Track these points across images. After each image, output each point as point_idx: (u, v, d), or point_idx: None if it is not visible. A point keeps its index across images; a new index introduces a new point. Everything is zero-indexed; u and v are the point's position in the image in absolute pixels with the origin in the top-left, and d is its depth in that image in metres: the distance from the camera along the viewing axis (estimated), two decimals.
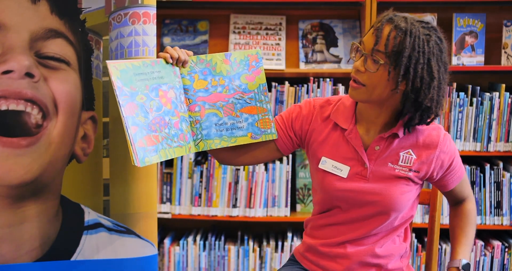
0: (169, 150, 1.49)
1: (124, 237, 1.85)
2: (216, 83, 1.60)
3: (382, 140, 1.54)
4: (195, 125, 1.58)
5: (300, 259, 1.70)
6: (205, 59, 1.59)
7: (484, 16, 2.70)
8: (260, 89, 1.62)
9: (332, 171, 1.57)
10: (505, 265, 2.68)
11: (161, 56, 1.54)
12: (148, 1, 1.76)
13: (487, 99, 2.62)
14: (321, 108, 1.62)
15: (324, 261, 1.62)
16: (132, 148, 1.41)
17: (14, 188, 1.77)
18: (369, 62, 1.43)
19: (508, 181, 2.65)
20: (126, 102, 1.43)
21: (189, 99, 1.58)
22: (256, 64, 1.62)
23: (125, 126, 1.41)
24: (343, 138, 1.57)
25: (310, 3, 2.76)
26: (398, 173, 1.53)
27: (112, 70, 1.43)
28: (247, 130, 1.60)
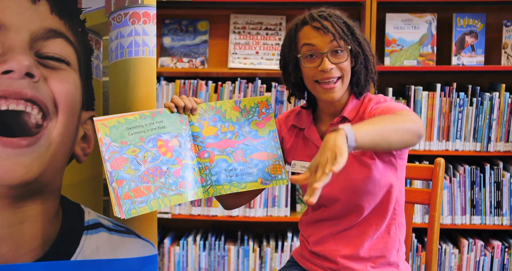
0: (163, 199, 1.53)
1: (124, 237, 1.85)
2: (226, 130, 1.63)
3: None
4: (204, 171, 1.60)
5: (299, 259, 1.71)
6: (214, 106, 1.62)
7: (484, 16, 2.70)
8: (271, 136, 1.65)
9: (302, 171, 1.61)
10: (505, 265, 2.68)
11: (166, 106, 1.59)
12: (148, 1, 1.76)
13: (487, 99, 2.62)
14: (286, 118, 1.70)
15: (319, 260, 1.63)
16: (115, 200, 1.47)
17: (14, 188, 1.77)
18: (332, 57, 1.52)
19: (508, 181, 2.65)
20: (113, 157, 1.48)
21: (198, 146, 1.61)
22: (266, 111, 1.65)
23: (108, 181, 1.47)
24: (304, 138, 1.64)
25: (310, 3, 2.76)
26: (355, 153, 1.54)
27: (100, 127, 1.48)
28: (257, 176, 1.63)
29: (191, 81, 2.73)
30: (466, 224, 2.67)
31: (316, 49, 1.52)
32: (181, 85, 2.73)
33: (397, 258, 1.61)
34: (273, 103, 2.69)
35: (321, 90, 1.54)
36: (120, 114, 1.54)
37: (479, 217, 2.67)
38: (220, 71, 2.85)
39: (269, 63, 2.79)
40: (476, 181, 2.66)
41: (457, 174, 2.68)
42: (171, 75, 2.83)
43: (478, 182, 2.66)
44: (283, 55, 1.62)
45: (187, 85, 2.73)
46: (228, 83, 2.72)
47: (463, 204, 2.67)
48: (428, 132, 2.66)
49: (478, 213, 2.67)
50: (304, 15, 1.60)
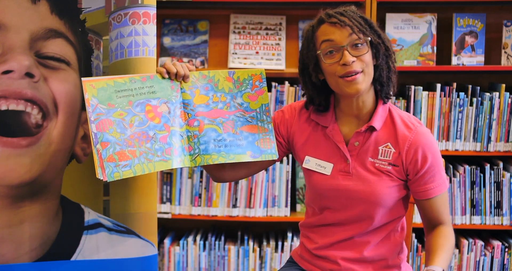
0: (148, 164, 1.51)
1: (124, 237, 1.85)
2: (218, 100, 1.60)
3: (360, 135, 1.56)
4: (193, 139, 1.58)
5: (298, 259, 1.71)
6: (207, 75, 1.60)
7: (484, 16, 2.70)
8: (262, 109, 1.62)
9: (316, 169, 1.59)
10: (505, 265, 2.68)
11: (157, 71, 1.56)
12: (148, 1, 1.76)
13: (487, 99, 2.62)
14: (301, 110, 1.66)
15: (320, 261, 1.63)
16: (98, 162, 1.45)
17: (14, 188, 1.77)
18: (352, 50, 1.49)
19: (508, 181, 2.65)
20: (99, 119, 1.47)
21: (188, 113, 1.58)
22: (259, 84, 1.62)
23: (92, 143, 1.46)
24: (324, 136, 1.60)
25: (310, 3, 2.76)
26: (378, 167, 1.54)
27: (88, 88, 1.47)
28: (246, 149, 1.60)
29: None
30: (466, 224, 2.67)
31: (335, 44, 1.50)
32: None
33: (398, 260, 1.62)
34: (273, 103, 2.69)
35: (344, 83, 1.50)
36: (110, 76, 1.52)
37: (479, 217, 2.67)
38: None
39: (269, 63, 2.79)
40: (476, 181, 2.66)
41: (457, 174, 2.68)
42: None
43: (478, 182, 2.66)
44: (302, 57, 1.59)
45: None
46: None
47: (463, 204, 2.67)
48: None
49: (478, 213, 2.67)
50: (319, 15, 1.57)
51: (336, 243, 1.60)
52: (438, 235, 1.55)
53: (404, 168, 1.53)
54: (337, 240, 1.59)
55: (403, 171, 1.54)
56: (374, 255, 1.58)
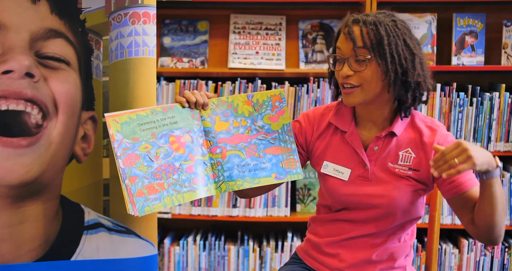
0: (177, 196, 1.51)
1: (124, 237, 1.85)
2: (238, 125, 1.60)
3: (379, 140, 1.54)
4: (216, 167, 1.57)
5: (303, 256, 1.70)
6: (226, 100, 1.60)
7: (484, 16, 2.70)
8: (284, 129, 1.62)
9: (334, 175, 1.58)
10: (505, 265, 2.68)
11: (177, 101, 1.55)
12: (148, 1, 1.76)
13: (487, 99, 2.62)
14: (322, 116, 1.64)
15: (327, 259, 1.62)
16: (128, 198, 1.44)
17: (14, 188, 1.77)
18: (353, 64, 1.48)
19: (508, 181, 2.65)
20: (125, 154, 1.46)
21: (210, 141, 1.58)
22: (279, 104, 1.62)
23: (121, 178, 1.45)
24: (343, 141, 1.59)
25: (310, 3, 2.76)
26: (398, 173, 1.53)
27: (112, 123, 1.46)
28: (271, 171, 1.60)
29: (191, 81, 2.72)
30: None
31: (341, 53, 1.50)
32: (181, 85, 2.73)
33: (404, 262, 1.62)
34: None
35: (342, 92, 1.51)
36: (132, 110, 1.52)
37: None
38: (220, 71, 2.85)
39: (269, 63, 2.79)
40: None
41: None
42: (171, 75, 2.83)
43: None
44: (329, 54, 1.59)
45: (187, 85, 2.73)
46: (228, 83, 2.72)
47: None
48: None
49: None
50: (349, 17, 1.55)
51: (347, 239, 1.59)
52: None
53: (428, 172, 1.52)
54: (349, 237, 1.59)
55: (427, 173, 1.52)
56: (383, 256, 1.58)
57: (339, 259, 1.60)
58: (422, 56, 1.52)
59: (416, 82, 1.49)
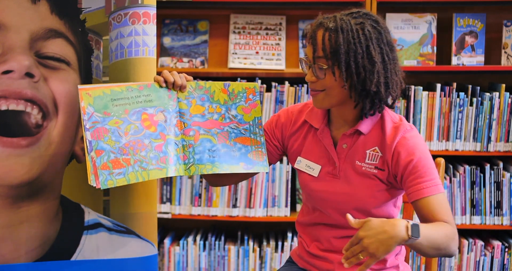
0: (142, 173, 1.52)
1: (124, 237, 1.85)
2: (213, 111, 1.63)
3: (347, 138, 1.55)
4: (188, 149, 1.59)
5: (297, 259, 1.71)
6: (204, 86, 1.63)
7: (484, 16, 2.70)
8: (255, 122, 1.65)
9: (305, 170, 1.60)
10: (505, 265, 2.68)
11: (155, 80, 1.58)
12: (148, 1, 1.76)
13: (487, 99, 2.62)
14: (299, 113, 1.66)
15: (317, 261, 1.63)
16: (92, 169, 1.47)
17: (14, 188, 1.77)
18: (317, 71, 1.48)
19: (508, 181, 2.65)
20: (94, 127, 1.48)
21: (185, 123, 1.60)
22: (253, 97, 1.66)
23: (86, 150, 1.47)
24: (317, 138, 1.61)
25: (310, 3, 2.76)
26: (365, 171, 1.53)
27: (84, 96, 1.48)
28: (239, 160, 1.62)
29: None
30: (466, 224, 2.67)
31: (307, 57, 1.51)
32: None
33: (396, 261, 1.62)
34: (273, 103, 2.69)
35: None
36: (107, 84, 1.53)
37: (479, 217, 2.67)
38: (220, 71, 2.85)
39: (269, 63, 2.79)
40: (476, 181, 2.66)
41: (457, 174, 2.68)
42: None
43: (478, 182, 2.66)
44: None
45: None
46: None
47: (463, 204, 2.67)
48: (428, 132, 2.66)
49: (478, 213, 2.67)
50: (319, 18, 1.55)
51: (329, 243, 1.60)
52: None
53: (391, 171, 1.52)
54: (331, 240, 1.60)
55: (391, 175, 1.52)
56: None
57: (328, 261, 1.61)
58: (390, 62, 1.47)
59: (374, 91, 1.46)
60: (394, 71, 1.49)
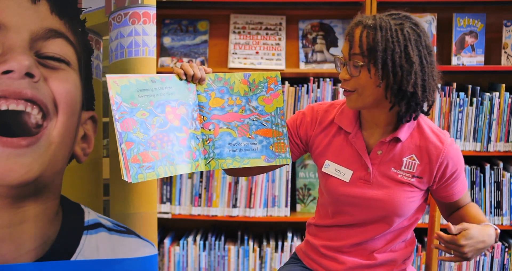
0: (170, 167, 1.49)
1: (124, 237, 1.85)
2: (233, 103, 1.59)
3: (384, 144, 1.52)
4: (207, 143, 1.57)
5: (303, 257, 1.70)
6: (223, 77, 1.59)
7: (484, 16, 2.70)
8: (277, 113, 1.61)
9: (335, 175, 1.56)
10: (505, 265, 2.68)
11: (175, 72, 1.54)
12: (148, 1, 1.76)
13: (487, 99, 2.62)
14: (325, 113, 1.62)
15: (326, 261, 1.62)
16: (123, 163, 1.42)
17: (14, 188, 1.77)
18: (351, 69, 1.45)
19: (508, 181, 2.65)
20: (123, 118, 1.44)
21: (204, 116, 1.57)
22: (274, 87, 1.61)
23: (118, 142, 1.42)
24: (347, 142, 1.57)
25: (310, 3, 2.76)
26: (401, 178, 1.51)
27: (112, 85, 1.43)
28: (261, 153, 1.59)
29: None
30: None
31: (343, 56, 1.48)
32: None
33: (404, 265, 1.62)
34: None
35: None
36: (132, 75, 1.49)
37: None
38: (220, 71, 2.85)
39: (269, 63, 2.79)
40: (476, 181, 2.66)
41: None
42: None
43: (478, 182, 2.66)
44: None
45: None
46: None
47: None
48: None
49: None
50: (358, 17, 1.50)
51: (346, 246, 1.59)
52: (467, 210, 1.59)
53: (431, 179, 1.52)
54: (349, 243, 1.58)
55: (429, 181, 1.52)
56: (383, 261, 1.57)
57: (338, 262, 1.59)
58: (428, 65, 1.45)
59: (411, 92, 1.44)
60: (431, 75, 1.46)
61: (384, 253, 1.58)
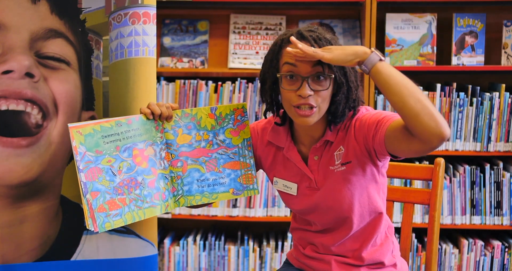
0: (138, 212, 1.50)
1: (124, 237, 1.85)
2: (200, 138, 1.59)
3: (317, 150, 1.54)
4: (176, 180, 1.58)
5: (294, 261, 1.72)
6: (190, 113, 1.58)
7: (484, 16, 2.70)
8: (244, 144, 1.61)
9: (284, 190, 1.59)
10: (505, 265, 2.68)
11: (142, 112, 1.53)
12: (148, 1, 1.76)
13: (487, 99, 2.62)
14: (262, 131, 1.63)
15: (314, 262, 1.63)
16: (88, 213, 1.42)
17: (14, 188, 1.77)
18: (313, 83, 1.42)
19: (508, 181, 2.65)
20: (87, 168, 1.43)
21: (172, 154, 1.57)
22: (241, 118, 1.60)
23: (82, 193, 1.42)
24: (284, 157, 1.59)
25: (310, 3, 2.76)
26: (336, 172, 1.52)
27: (75, 135, 1.42)
28: (229, 186, 1.60)
29: (191, 81, 2.73)
30: (466, 224, 2.67)
31: (297, 71, 1.43)
32: (181, 85, 2.73)
33: (392, 258, 1.62)
34: None
35: (296, 115, 1.45)
36: (96, 121, 1.48)
37: (479, 217, 2.67)
38: (220, 71, 2.85)
39: None
40: (476, 181, 2.66)
41: (457, 174, 2.68)
42: (171, 75, 2.83)
43: (478, 182, 2.66)
44: (264, 69, 1.51)
45: (187, 85, 2.73)
46: (228, 83, 2.72)
47: (463, 204, 2.67)
48: None
49: (478, 213, 2.67)
50: (292, 30, 1.48)
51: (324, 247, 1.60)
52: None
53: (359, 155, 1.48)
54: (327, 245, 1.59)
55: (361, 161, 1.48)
56: (369, 260, 1.58)
57: (324, 262, 1.61)
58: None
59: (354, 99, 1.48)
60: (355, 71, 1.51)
61: (367, 250, 1.58)
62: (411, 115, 1.30)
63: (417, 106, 1.29)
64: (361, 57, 1.37)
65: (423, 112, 1.29)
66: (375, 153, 1.47)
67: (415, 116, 1.29)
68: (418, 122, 1.29)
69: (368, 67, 1.36)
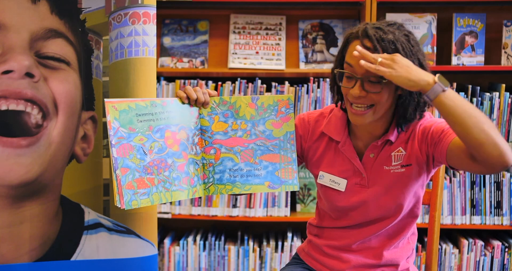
0: (165, 194, 1.49)
1: (124, 237, 1.85)
2: (237, 127, 1.55)
3: (376, 147, 1.53)
4: (207, 168, 1.55)
5: (305, 257, 1.70)
6: (228, 101, 1.55)
7: (484, 16, 2.70)
8: (287, 137, 1.55)
9: (330, 185, 1.57)
10: (505, 265, 2.68)
11: (177, 95, 1.51)
12: (148, 1, 1.76)
13: (487, 99, 2.62)
14: (315, 123, 1.61)
15: (330, 260, 1.62)
16: (117, 189, 1.42)
17: (14, 188, 1.77)
18: (366, 85, 1.41)
19: (508, 181, 2.65)
20: (120, 143, 1.43)
21: (205, 141, 1.55)
22: (285, 110, 1.55)
23: (113, 167, 1.42)
24: (338, 150, 1.57)
25: (310, 3, 2.76)
26: (393, 173, 1.52)
27: (110, 110, 1.42)
28: (264, 179, 1.55)
29: (191, 81, 2.73)
30: (466, 224, 2.67)
31: (353, 71, 1.42)
32: (181, 85, 2.73)
33: (406, 263, 1.62)
34: None
35: (350, 111, 1.46)
36: (132, 99, 1.48)
37: (479, 217, 2.67)
38: (220, 71, 2.85)
39: (269, 63, 2.79)
40: (476, 181, 2.66)
41: (457, 174, 2.68)
42: (171, 75, 2.83)
43: (478, 182, 2.66)
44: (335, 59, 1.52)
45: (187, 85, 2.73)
46: (228, 83, 2.72)
47: (463, 204, 2.67)
48: None
49: (478, 213, 2.67)
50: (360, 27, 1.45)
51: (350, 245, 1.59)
52: None
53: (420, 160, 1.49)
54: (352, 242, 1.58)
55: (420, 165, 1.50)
56: (387, 260, 1.58)
57: (342, 261, 1.60)
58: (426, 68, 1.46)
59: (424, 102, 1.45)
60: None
61: (388, 251, 1.58)
62: (474, 145, 1.30)
63: (481, 137, 1.29)
64: (424, 88, 1.34)
65: (487, 143, 1.28)
66: (433, 159, 1.49)
67: (479, 146, 1.29)
68: (481, 151, 1.30)
69: (431, 98, 1.34)
